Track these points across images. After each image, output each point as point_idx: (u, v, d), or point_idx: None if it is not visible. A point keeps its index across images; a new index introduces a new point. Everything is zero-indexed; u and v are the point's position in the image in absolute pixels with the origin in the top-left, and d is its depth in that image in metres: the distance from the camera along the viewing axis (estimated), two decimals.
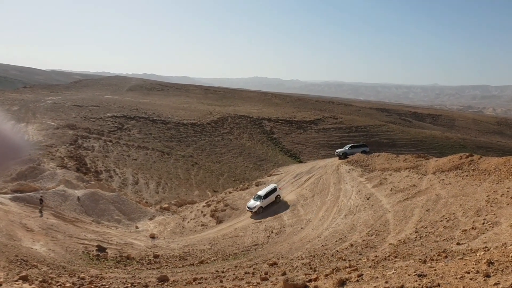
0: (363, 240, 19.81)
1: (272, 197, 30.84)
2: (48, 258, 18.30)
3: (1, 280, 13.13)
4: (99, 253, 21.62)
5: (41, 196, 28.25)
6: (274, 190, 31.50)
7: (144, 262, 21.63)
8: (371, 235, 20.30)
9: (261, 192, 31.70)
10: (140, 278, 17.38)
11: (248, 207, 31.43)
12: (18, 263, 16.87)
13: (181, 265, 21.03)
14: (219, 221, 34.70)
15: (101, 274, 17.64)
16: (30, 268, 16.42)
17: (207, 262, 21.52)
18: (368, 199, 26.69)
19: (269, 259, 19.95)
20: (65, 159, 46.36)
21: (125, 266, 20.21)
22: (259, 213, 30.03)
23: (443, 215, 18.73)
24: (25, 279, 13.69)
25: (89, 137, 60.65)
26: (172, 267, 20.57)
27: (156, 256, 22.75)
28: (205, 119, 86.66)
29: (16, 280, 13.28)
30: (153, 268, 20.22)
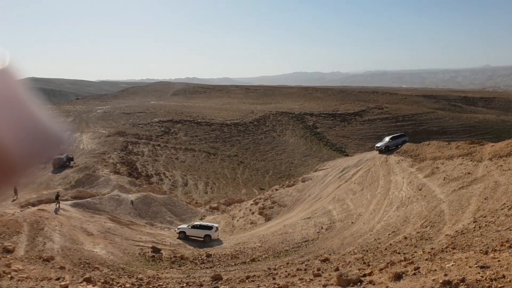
0: (418, 232, 19.01)
1: (199, 233, 27.99)
2: (108, 260, 19.43)
3: (67, 282, 14.06)
4: (154, 254, 22.56)
5: (57, 192, 29.85)
6: (206, 227, 28.49)
7: (197, 261, 22.26)
8: (426, 227, 19.43)
9: (196, 223, 29.69)
10: (194, 277, 17.90)
11: (177, 227, 29.43)
12: (82, 265, 18.06)
13: (233, 264, 21.39)
14: (268, 219, 34.90)
15: (157, 274, 18.41)
16: (93, 270, 17.53)
17: (258, 260, 21.72)
18: (420, 189, 25.55)
19: (321, 255, 19.74)
20: (118, 165, 48.85)
21: (179, 266, 20.94)
22: (180, 238, 27.74)
23: (504, 203, 17.46)
24: (88, 280, 14.60)
25: (139, 143, 63.44)
26: (224, 266, 20.99)
27: (208, 256, 23.33)
28: (248, 118, 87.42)
29: (81, 282, 14.18)
30: (207, 267, 20.76)
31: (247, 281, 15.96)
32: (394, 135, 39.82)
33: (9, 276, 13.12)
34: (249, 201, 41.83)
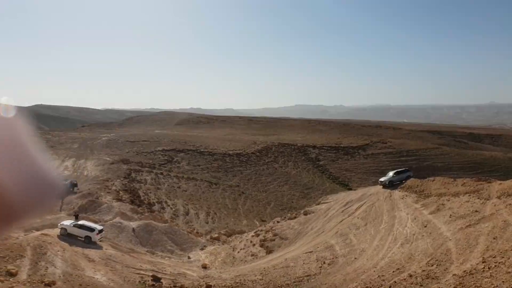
0: (423, 271, 18.67)
1: (80, 232, 27.78)
2: (108, 287, 19.10)
3: None
4: (154, 283, 22.15)
5: (76, 212, 34.03)
6: (88, 229, 28.18)
7: None
8: (432, 265, 19.10)
9: (80, 222, 29.39)
10: None
11: (60, 223, 28.99)
12: None
13: None
14: (269, 251, 34.36)
15: None
16: None
17: None
18: (425, 226, 25.28)
19: None
20: (120, 192, 48.72)
21: None
22: (61, 235, 27.27)
23: None
24: None
25: (142, 171, 63.53)
26: None
27: (208, 287, 22.88)
28: (250, 149, 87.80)
29: None
30: None
31: None
32: (398, 170, 39.80)
33: None
34: (250, 233, 41.30)
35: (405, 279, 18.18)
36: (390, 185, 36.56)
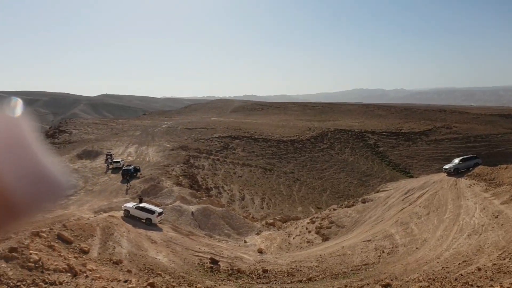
0: (494, 264, 17.30)
1: (142, 214, 28.78)
2: (169, 268, 20.17)
3: (134, 285, 14.89)
4: (212, 265, 22.99)
5: (140, 195, 36.05)
6: (149, 211, 29.12)
7: (253, 276, 22.27)
8: (504, 259, 17.63)
9: (141, 204, 30.13)
10: None
11: (124, 205, 30.24)
12: (146, 271, 18.96)
13: (289, 281, 21.09)
14: (325, 239, 34.06)
15: (215, 285, 18.72)
16: (156, 276, 18.30)
17: (315, 280, 21.18)
18: (496, 217, 23.35)
19: (382, 280, 18.76)
20: (180, 177, 50.93)
21: (236, 279, 21.10)
22: (125, 216, 28.34)
23: None
24: (152, 285, 15.30)
25: (200, 157, 65.76)
26: (281, 283, 20.76)
27: (264, 271, 23.23)
28: (304, 135, 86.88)
29: (145, 286, 14.88)
30: (263, 283, 20.68)
31: None
32: (464, 156, 37.23)
33: (85, 274, 14.26)
34: (305, 220, 41.17)
35: (472, 272, 17.00)
36: (456, 172, 34.27)
